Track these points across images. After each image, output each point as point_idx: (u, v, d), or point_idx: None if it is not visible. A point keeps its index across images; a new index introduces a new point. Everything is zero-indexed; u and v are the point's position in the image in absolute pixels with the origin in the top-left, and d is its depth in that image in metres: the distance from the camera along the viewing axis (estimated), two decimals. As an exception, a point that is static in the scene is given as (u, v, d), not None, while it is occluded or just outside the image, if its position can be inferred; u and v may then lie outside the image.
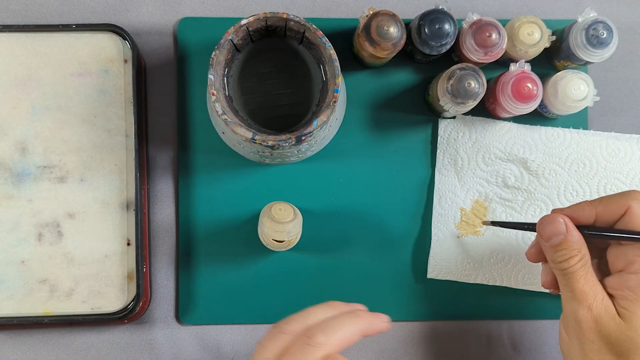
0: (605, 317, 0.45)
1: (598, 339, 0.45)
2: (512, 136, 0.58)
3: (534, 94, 0.53)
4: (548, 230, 0.47)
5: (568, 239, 0.46)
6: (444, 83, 0.53)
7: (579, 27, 0.53)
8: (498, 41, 0.53)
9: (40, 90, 0.55)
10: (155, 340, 0.57)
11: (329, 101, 0.49)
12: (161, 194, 0.57)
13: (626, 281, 0.45)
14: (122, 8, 0.58)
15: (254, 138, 0.48)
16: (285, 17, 0.49)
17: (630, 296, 0.45)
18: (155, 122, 0.58)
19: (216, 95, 0.48)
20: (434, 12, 0.53)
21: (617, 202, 0.47)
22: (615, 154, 0.57)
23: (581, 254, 0.46)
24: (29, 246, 0.54)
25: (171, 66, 0.58)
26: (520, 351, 0.58)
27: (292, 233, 0.52)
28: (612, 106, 0.60)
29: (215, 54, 0.49)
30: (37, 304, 0.53)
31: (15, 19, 0.57)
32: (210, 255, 0.57)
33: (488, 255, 0.57)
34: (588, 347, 0.46)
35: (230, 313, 0.57)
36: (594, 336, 0.45)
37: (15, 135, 0.54)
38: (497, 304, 0.58)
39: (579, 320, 0.46)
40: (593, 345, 0.46)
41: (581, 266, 0.46)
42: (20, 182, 0.54)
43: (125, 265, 0.54)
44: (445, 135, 0.58)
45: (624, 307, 0.45)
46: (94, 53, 0.55)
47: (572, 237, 0.46)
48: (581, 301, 0.46)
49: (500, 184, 0.58)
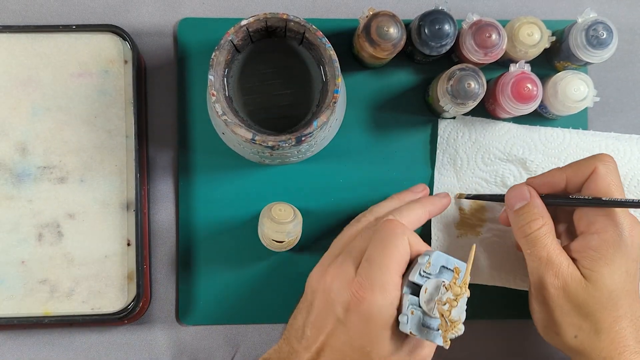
0: (572, 283, 0.47)
1: (566, 304, 0.48)
2: (512, 136, 0.58)
3: (534, 94, 0.53)
4: (513, 197, 0.50)
5: (530, 204, 0.49)
6: (443, 84, 0.53)
7: (579, 28, 0.53)
8: (498, 42, 0.53)
9: (40, 91, 0.55)
10: (155, 341, 0.57)
11: (329, 102, 0.49)
12: (161, 194, 0.58)
13: (589, 242, 0.47)
14: (122, 9, 0.58)
15: (254, 139, 0.48)
16: (285, 17, 0.49)
17: (593, 255, 0.47)
18: (156, 122, 0.58)
19: (216, 96, 0.48)
20: (433, 13, 0.53)
21: (584, 165, 0.49)
22: (614, 154, 0.57)
23: (544, 220, 0.49)
24: (29, 246, 0.54)
25: (171, 67, 0.58)
26: (520, 351, 0.58)
27: (292, 233, 0.52)
28: (612, 107, 0.60)
29: (216, 54, 0.49)
30: (37, 304, 0.53)
31: (15, 19, 0.57)
32: (210, 255, 0.57)
33: (487, 255, 0.57)
34: (557, 312, 0.48)
35: (230, 313, 0.57)
36: (562, 301, 0.48)
37: (15, 136, 0.54)
38: (497, 304, 0.58)
39: (546, 288, 0.48)
40: (562, 310, 0.48)
41: (545, 233, 0.48)
42: (20, 183, 0.54)
43: (125, 265, 0.54)
44: (444, 136, 0.58)
45: (588, 268, 0.47)
46: (94, 54, 0.55)
47: (534, 202, 0.49)
48: (547, 269, 0.48)
49: (500, 184, 0.58)
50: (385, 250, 0.45)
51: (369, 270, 0.45)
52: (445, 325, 0.43)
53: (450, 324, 0.43)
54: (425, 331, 0.45)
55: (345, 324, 0.45)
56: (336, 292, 0.46)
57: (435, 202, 0.54)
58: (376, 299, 0.44)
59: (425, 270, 0.45)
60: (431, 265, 0.45)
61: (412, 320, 0.44)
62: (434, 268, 0.45)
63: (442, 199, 0.55)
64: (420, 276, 0.45)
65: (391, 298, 0.44)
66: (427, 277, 0.45)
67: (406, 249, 0.46)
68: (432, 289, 0.45)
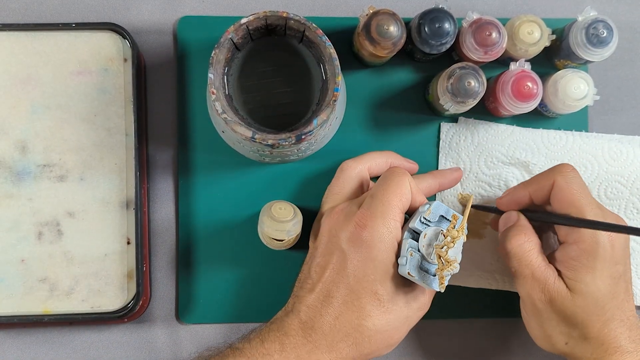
0: (559, 297, 0.48)
1: (554, 317, 0.48)
2: (514, 139, 0.57)
3: (534, 93, 0.53)
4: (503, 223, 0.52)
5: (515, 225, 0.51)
6: (444, 82, 0.53)
7: (579, 26, 0.53)
8: (498, 40, 0.53)
9: (40, 89, 0.55)
10: (155, 339, 0.57)
11: (329, 100, 0.49)
12: (161, 192, 0.57)
13: (569, 252, 0.48)
14: (122, 7, 0.58)
15: (253, 137, 0.48)
16: (285, 15, 0.49)
17: (575, 265, 0.48)
18: (155, 120, 0.58)
19: (216, 94, 0.48)
20: (434, 11, 0.53)
21: (544, 178, 0.50)
22: (617, 156, 0.57)
23: (527, 237, 0.50)
24: (28, 245, 0.54)
25: (171, 65, 0.58)
26: (520, 351, 0.58)
27: (292, 232, 0.52)
28: (612, 105, 0.60)
29: (215, 52, 0.49)
30: (37, 302, 0.53)
31: (15, 17, 0.57)
32: (210, 254, 0.57)
33: (489, 258, 0.57)
34: (546, 324, 0.49)
35: (230, 312, 0.57)
36: (550, 314, 0.48)
37: (15, 134, 0.54)
38: (497, 304, 0.58)
39: (534, 303, 0.49)
40: (551, 322, 0.49)
41: (529, 249, 0.49)
42: (20, 181, 0.54)
43: (125, 264, 0.54)
44: (447, 140, 0.58)
45: (571, 278, 0.48)
46: (93, 52, 0.55)
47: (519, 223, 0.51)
48: (534, 286, 0.48)
49: (503, 188, 0.57)
50: (388, 188, 0.48)
51: (372, 202, 0.48)
52: (441, 265, 0.46)
53: (447, 263, 0.46)
54: (422, 274, 0.47)
55: (348, 254, 0.47)
56: (340, 225, 0.48)
57: (446, 175, 0.56)
58: (378, 226, 0.47)
59: (426, 217, 0.48)
60: (431, 213, 0.48)
61: (411, 262, 0.47)
62: (433, 216, 0.48)
63: (454, 172, 0.56)
64: (420, 223, 0.48)
65: (391, 227, 0.47)
66: (427, 225, 0.48)
67: (408, 189, 0.48)
68: (431, 235, 0.47)
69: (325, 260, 0.48)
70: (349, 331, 0.47)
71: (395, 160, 0.55)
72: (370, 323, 0.47)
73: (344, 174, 0.53)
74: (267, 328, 0.48)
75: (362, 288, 0.47)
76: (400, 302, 0.48)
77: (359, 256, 0.47)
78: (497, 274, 0.57)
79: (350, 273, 0.47)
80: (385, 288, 0.47)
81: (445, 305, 0.57)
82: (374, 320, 0.47)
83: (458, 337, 0.58)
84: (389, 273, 0.47)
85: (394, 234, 0.47)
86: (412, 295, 0.49)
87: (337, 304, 0.47)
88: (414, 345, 0.58)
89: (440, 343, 0.58)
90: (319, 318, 0.47)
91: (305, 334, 0.47)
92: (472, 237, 0.57)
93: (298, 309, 0.48)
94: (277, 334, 0.47)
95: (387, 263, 0.47)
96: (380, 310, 0.47)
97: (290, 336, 0.47)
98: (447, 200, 0.57)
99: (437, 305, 0.52)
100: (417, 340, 0.58)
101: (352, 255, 0.47)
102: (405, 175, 0.49)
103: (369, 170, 0.54)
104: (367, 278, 0.46)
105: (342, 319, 0.47)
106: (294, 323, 0.47)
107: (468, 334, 0.58)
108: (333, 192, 0.53)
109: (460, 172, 0.56)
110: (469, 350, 0.58)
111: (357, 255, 0.47)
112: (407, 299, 0.48)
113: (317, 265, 0.49)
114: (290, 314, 0.48)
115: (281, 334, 0.47)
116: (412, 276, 0.46)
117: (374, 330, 0.47)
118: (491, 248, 0.57)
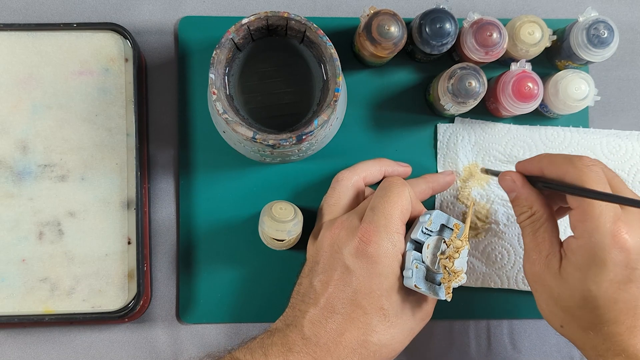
0: (547, 274, 0.46)
1: (543, 292, 0.47)
2: (512, 137, 0.57)
3: (535, 93, 0.53)
4: (504, 187, 0.50)
5: (518, 197, 0.49)
6: (444, 82, 0.53)
7: (580, 27, 0.53)
8: (499, 40, 0.53)
9: (41, 89, 0.55)
10: (155, 339, 0.57)
11: (329, 100, 0.49)
12: (162, 192, 0.57)
13: (570, 244, 0.46)
14: (123, 7, 0.58)
15: (254, 137, 0.48)
16: (286, 16, 0.49)
17: (570, 258, 0.46)
18: (156, 121, 0.58)
19: (217, 94, 0.48)
20: (434, 12, 0.53)
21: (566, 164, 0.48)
22: (616, 151, 0.57)
23: (532, 210, 0.48)
24: (29, 244, 0.54)
25: (172, 65, 0.58)
26: (521, 351, 0.58)
27: (293, 232, 0.52)
28: (613, 106, 0.60)
29: (216, 53, 0.49)
30: (38, 302, 0.53)
31: (16, 17, 0.57)
32: (210, 254, 0.57)
33: (489, 256, 0.57)
34: (538, 296, 0.48)
35: (231, 312, 0.57)
36: (539, 288, 0.48)
37: (16, 134, 0.54)
38: (497, 304, 0.58)
39: (525, 272, 0.49)
40: (542, 296, 0.48)
41: (529, 223, 0.48)
42: (21, 181, 0.54)
43: (125, 263, 0.54)
44: (444, 140, 0.58)
45: (564, 267, 0.46)
46: (95, 52, 0.55)
47: (521, 195, 0.49)
48: (528, 256, 0.48)
49: None
50: (389, 200, 0.48)
51: (373, 216, 0.48)
52: (448, 276, 0.46)
53: (453, 274, 0.47)
54: (428, 285, 0.47)
55: (353, 270, 0.47)
56: (343, 240, 0.48)
57: (438, 180, 0.56)
58: (382, 240, 0.47)
59: (427, 228, 0.48)
60: (432, 223, 0.48)
61: (417, 274, 0.47)
62: (435, 225, 0.48)
63: (446, 177, 0.56)
64: (422, 233, 0.48)
65: (395, 241, 0.47)
66: (429, 235, 0.48)
67: (408, 199, 0.48)
68: (434, 245, 0.48)
69: (327, 276, 0.48)
70: (355, 347, 0.46)
71: (389, 167, 0.55)
72: (376, 338, 0.47)
73: (340, 184, 0.53)
74: (270, 341, 0.47)
75: (368, 304, 0.46)
76: (405, 315, 0.48)
77: (364, 272, 0.47)
78: (494, 272, 0.57)
79: (355, 289, 0.47)
80: (391, 302, 0.47)
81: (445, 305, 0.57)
82: (379, 336, 0.47)
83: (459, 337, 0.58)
84: (395, 287, 0.47)
85: (398, 247, 0.47)
86: (417, 305, 0.49)
87: (342, 320, 0.46)
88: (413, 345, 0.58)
89: (440, 343, 0.58)
90: (323, 334, 0.46)
91: (309, 350, 0.46)
92: (472, 236, 0.57)
93: (301, 323, 0.47)
94: (280, 349, 0.46)
95: (392, 277, 0.47)
96: (385, 325, 0.47)
97: (294, 352, 0.46)
98: (446, 201, 0.57)
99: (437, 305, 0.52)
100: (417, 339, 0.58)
101: (357, 270, 0.47)
102: (405, 186, 0.49)
103: (364, 180, 0.54)
104: (373, 294, 0.46)
105: (347, 335, 0.46)
106: (297, 339, 0.46)
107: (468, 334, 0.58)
108: (330, 203, 0.53)
109: (453, 176, 0.57)
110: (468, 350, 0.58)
111: (362, 271, 0.47)
112: (413, 311, 0.48)
113: (320, 281, 0.48)
114: (292, 328, 0.47)
115: (285, 349, 0.46)
116: (419, 288, 0.46)
117: (379, 345, 0.47)
118: (490, 246, 0.57)
